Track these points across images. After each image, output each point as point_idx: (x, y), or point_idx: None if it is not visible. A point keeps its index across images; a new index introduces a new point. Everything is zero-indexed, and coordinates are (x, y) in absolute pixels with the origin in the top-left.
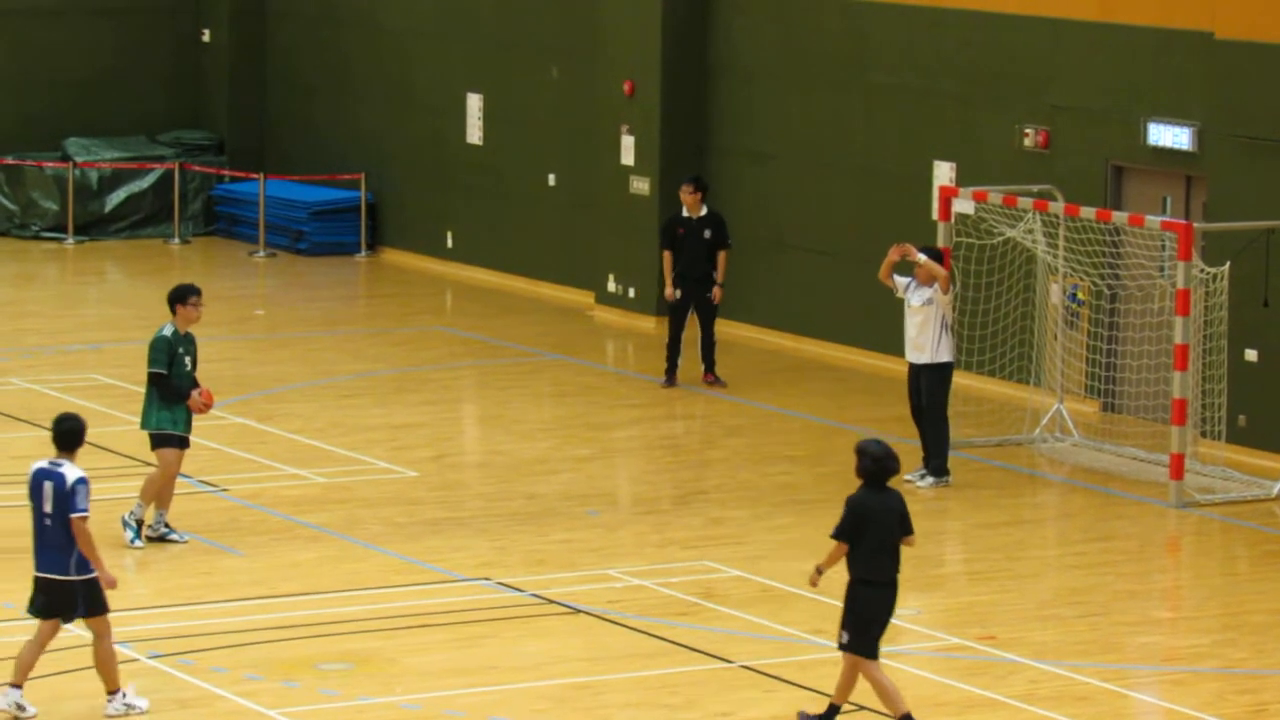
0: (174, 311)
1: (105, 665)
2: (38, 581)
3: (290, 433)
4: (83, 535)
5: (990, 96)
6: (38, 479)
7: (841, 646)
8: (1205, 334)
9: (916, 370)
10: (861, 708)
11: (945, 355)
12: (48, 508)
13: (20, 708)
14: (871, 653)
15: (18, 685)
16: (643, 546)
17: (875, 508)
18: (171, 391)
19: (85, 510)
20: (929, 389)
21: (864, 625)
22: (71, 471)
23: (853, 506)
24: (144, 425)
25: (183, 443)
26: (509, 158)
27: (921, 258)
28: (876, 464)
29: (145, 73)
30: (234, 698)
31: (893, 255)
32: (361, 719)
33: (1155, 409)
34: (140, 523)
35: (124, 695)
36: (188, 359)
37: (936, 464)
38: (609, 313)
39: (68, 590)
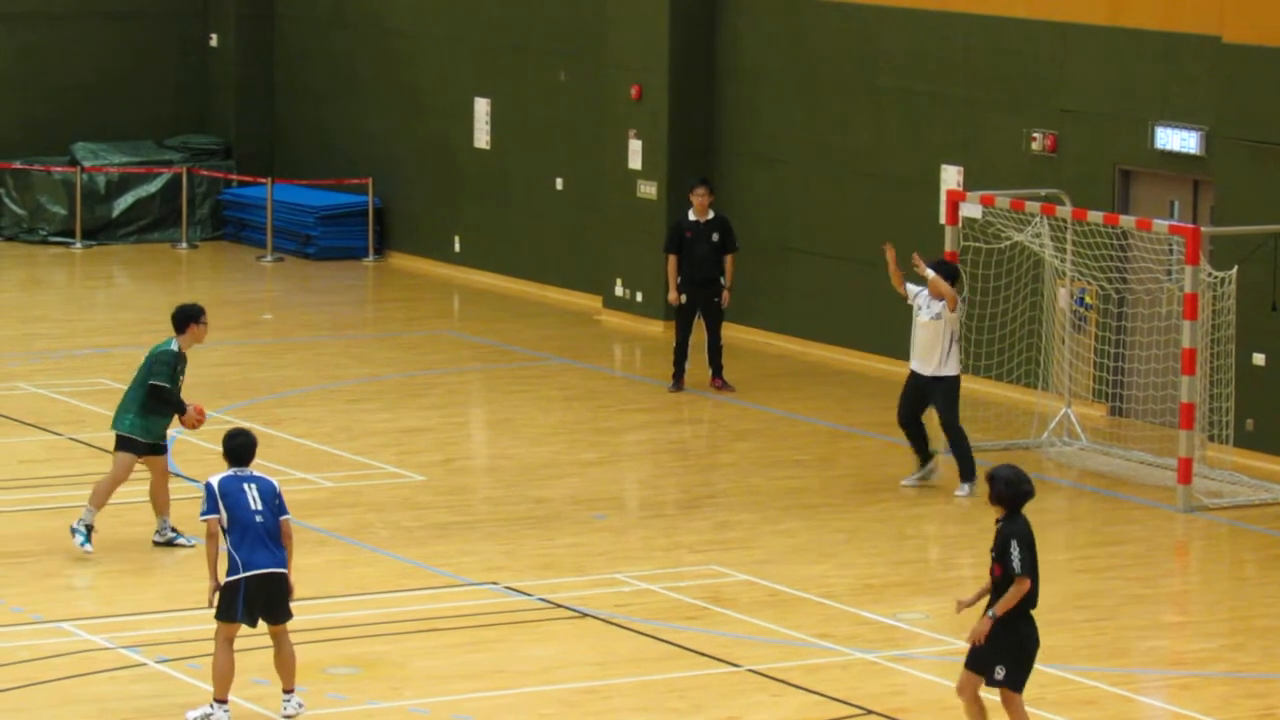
0: (183, 329)
1: (291, 664)
2: (254, 581)
3: (298, 437)
4: (292, 538)
5: (998, 100)
6: (233, 483)
7: (998, 682)
8: (1213, 338)
9: (919, 380)
10: (869, 712)
11: (952, 369)
12: (258, 505)
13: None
14: (1021, 687)
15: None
16: (650, 551)
17: (1031, 533)
18: (169, 405)
19: (289, 513)
20: (939, 404)
21: (1027, 661)
22: (270, 477)
23: (1024, 537)
24: (116, 426)
25: (149, 449)
26: (516, 162)
27: (930, 273)
28: (1010, 488)
29: (153, 77)
30: (242, 702)
31: (889, 256)
32: None
33: (1163, 413)
34: (90, 528)
35: (290, 696)
36: (182, 377)
37: (966, 470)
38: (616, 317)
39: (288, 585)
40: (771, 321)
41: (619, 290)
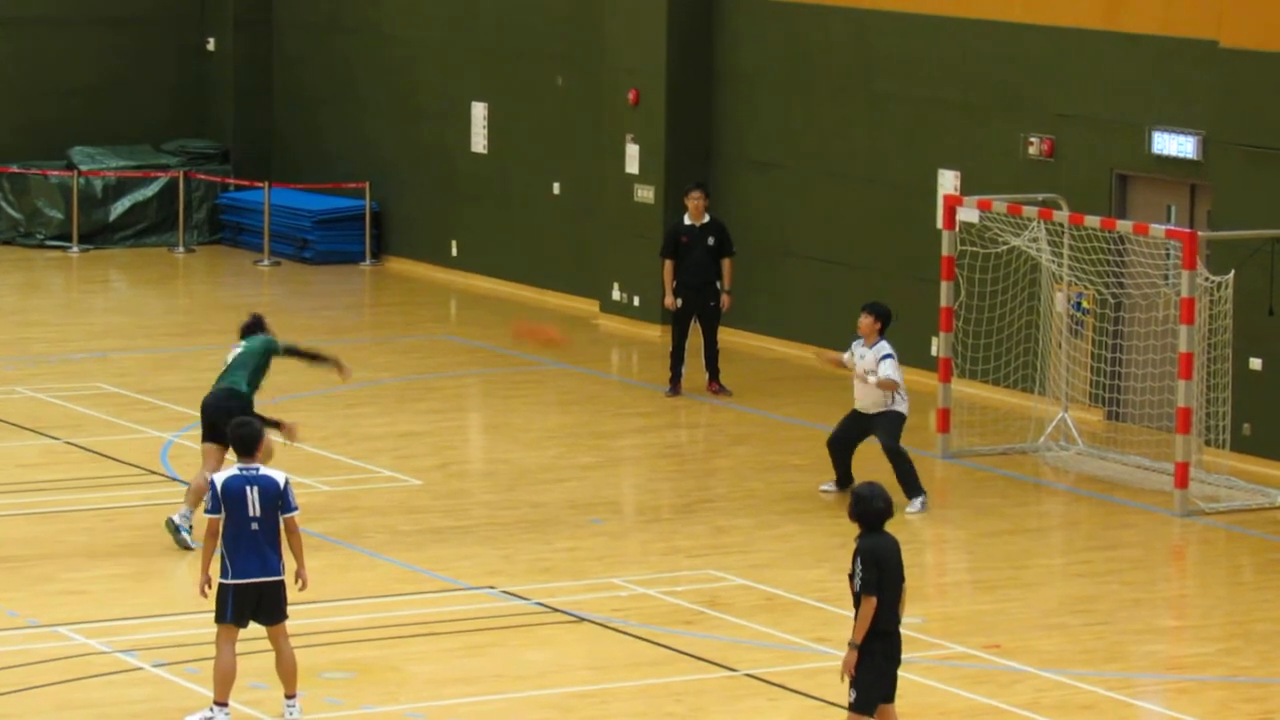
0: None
1: (292, 669)
2: (242, 589)
3: (295, 441)
4: (298, 534)
5: (995, 105)
6: (237, 485)
7: (848, 705)
8: (1210, 342)
9: (860, 417)
10: None
11: (902, 406)
12: (256, 512)
13: None
14: (871, 710)
15: (224, 703)
16: (647, 555)
17: (887, 551)
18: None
19: (298, 508)
20: (884, 433)
21: (874, 681)
22: (276, 473)
23: (870, 553)
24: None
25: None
26: (514, 166)
27: (887, 372)
28: (862, 504)
29: (150, 81)
30: (239, 706)
31: (821, 360)
32: None
33: (1160, 417)
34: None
35: (293, 702)
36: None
37: (913, 488)
38: (613, 321)
39: (281, 590)
40: (769, 326)
41: (616, 295)
